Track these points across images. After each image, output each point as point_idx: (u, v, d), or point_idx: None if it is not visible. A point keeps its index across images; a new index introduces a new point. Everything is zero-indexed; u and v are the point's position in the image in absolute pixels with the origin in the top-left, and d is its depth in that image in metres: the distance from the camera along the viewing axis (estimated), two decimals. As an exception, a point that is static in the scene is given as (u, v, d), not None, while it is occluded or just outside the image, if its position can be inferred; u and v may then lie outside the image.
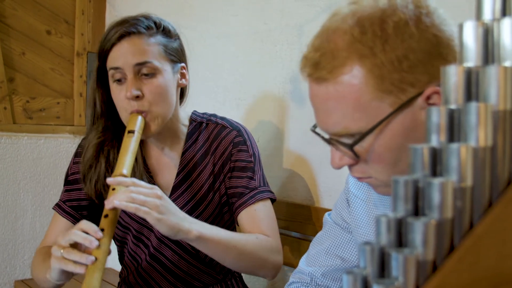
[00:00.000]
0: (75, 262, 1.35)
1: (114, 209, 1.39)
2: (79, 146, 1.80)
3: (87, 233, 1.35)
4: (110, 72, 1.60)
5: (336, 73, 0.98)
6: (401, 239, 0.63)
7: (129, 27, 1.58)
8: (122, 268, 1.86)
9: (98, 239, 1.34)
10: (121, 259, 1.84)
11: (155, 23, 1.64)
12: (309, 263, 1.39)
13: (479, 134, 0.59)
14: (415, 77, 0.95)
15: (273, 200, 1.74)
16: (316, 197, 2.04)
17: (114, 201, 1.35)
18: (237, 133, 1.74)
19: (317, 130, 1.10)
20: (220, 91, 2.45)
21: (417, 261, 0.60)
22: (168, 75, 1.62)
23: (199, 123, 1.78)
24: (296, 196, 2.11)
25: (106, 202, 1.37)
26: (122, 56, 1.57)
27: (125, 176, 1.45)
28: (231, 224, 1.80)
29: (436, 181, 0.59)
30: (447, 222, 0.60)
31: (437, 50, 0.97)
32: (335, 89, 0.99)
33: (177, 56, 1.67)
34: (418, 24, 0.96)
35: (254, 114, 2.30)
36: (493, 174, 0.61)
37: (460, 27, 0.65)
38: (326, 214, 1.44)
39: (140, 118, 1.56)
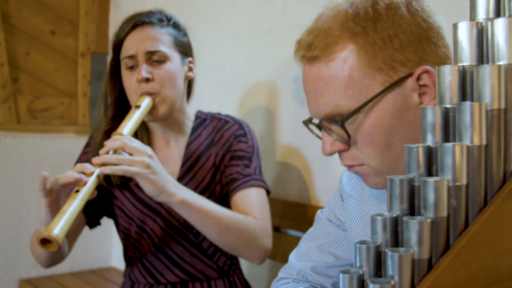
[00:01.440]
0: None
1: (103, 164, 1.45)
2: (90, 137, 1.84)
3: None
4: (124, 61, 1.68)
5: (329, 51, 1.01)
6: (396, 238, 0.63)
7: (142, 17, 1.69)
8: (126, 264, 1.87)
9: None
10: (126, 253, 1.84)
11: (166, 17, 1.73)
12: (299, 258, 1.36)
13: (473, 133, 0.60)
14: (406, 57, 0.98)
15: (268, 191, 1.76)
16: (312, 195, 2.04)
17: (104, 157, 1.44)
18: (238, 127, 1.81)
19: (310, 126, 1.11)
20: (223, 90, 2.45)
21: (413, 260, 0.60)
22: (176, 64, 1.70)
23: (203, 119, 1.84)
24: (292, 194, 2.12)
25: (94, 158, 1.45)
26: (135, 43, 1.66)
27: (123, 135, 1.52)
28: None
29: (431, 180, 0.60)
30: (443, 220, 0.61)
31: (427, 34, 0.99)
32: (327, 67, 1.01)
33: (185, 49, 1.76)
34: (409, 8, 0.99)
35: (257, 114, 2.30)
36: (487, 172, 0.61)
37: (455, 27, 0.65)
38: (319, 211, 1.43)
39: (148, 98, 1.64)
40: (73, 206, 1.35)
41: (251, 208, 1.68)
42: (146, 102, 1.62)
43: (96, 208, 1.79)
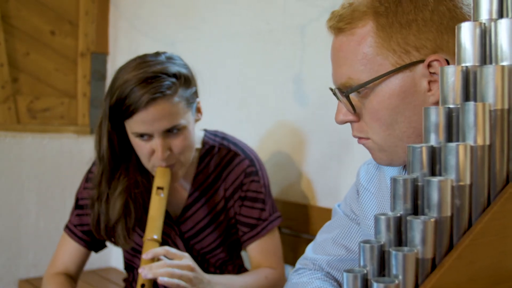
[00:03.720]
0: None
1: (150, 279, 1.45)
2: (90, 171, 1.79)
3: None
4: (134, 134, 1.58)
5: (352, 25, 1.06)
6: (400, 238, 0.63)
7: (155, 92, 1.52)
8: (129, 274, 1.87)
9: None
10: (128, 268, 1.85)
11: (175, 76, 1.57)
12: (315, 251, 1.41)
13: (477, 133, 0.60)
14: (421, 43, 1.01)
15: (280, 221, 1.81)
16: (314, 196, 2.04)
17: (154, 271, 1.41)
18: (249, 163, 1.76)
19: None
20: (223, 91, 2.45)
21: (417, 259, 0.60)
22: (191, 125, 1.63)
23: (211, 146, 1.78)
24: (294, 195, 2.12)
25: (142, 272, 1.42)
26: (149, 122, 1.54)
27: (156, 240, 1.52)
28: (237, 245, 1.83)
29: (435, 180, 0.60)
30: (446, 220, 0.61)
31: (449, 24, 1.02)
32: (348, 40, 1.07)
33: (194, 98, 1.65)
34: None
35: (257, 115, 2.30)
36: (491, 172, 0.61)
37: (458, 28, 0.65)
38: (336, 205, 1.46)
39: (168, 172, 1.60)
40: None
41: (269, 257, 1.76)
42: (167, 180, 1.60)
43: (101, 240, 1.79)
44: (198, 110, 1.69)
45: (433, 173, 0.63)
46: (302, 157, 2.11)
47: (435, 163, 0.63)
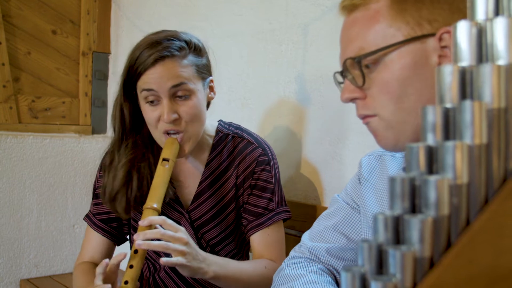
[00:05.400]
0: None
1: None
2: (103, 159, 1.81)
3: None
4: (143, 93, 1.61)
5: (367, 1, 1.09)
6: (398, 237, 0.63)
7: (163, 51, 1.58)
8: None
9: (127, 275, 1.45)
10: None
11: (186, 42, 1.63)
12: (313, 238, 1.40)
13: (474, 132, 0.60)
14: (434, 16, 1.03)
15: (288, 218, 1.80)
16: (321, 196, 2.04)
17: (148, 243, 1.43)
18: (262, 152, 1.78)
19: (336, 76, 1.17)
20: (225, 91, 2.45)
21: (415, 258, 0.61)
22: (201, 94, 1.64)
23: (225, 134, 1.81)
24: (301, 195, 2.12)
25: (136, 240, 1.44)
26: (157, 79, 1.57)
27: (156, 209, 1.52)
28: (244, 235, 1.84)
29: (432, 178, 0.60)
30: (444, 219, 0.61)
31: (459, 6, 1.04)
32: (362, 16, 1.09)
33: (206, 71, 1.69)
34: None
35: (259, 114, 2.31)
36: (488, 171, 0.61)
37: (454, 27, 0.65)
38: (335, 195, 1.46)
39: (176, 145, 1.62)
40: None
41: (272, 250, 1.76)
42: (174, 153, 1.61)
43: (122, 228, 1.83)
44: (211, 89, 1.72)
45: (430, 172, 0.63)
46: (307, 156, 2.11)
47: (433, 162, 0.63)
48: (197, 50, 1.65)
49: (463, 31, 0.64)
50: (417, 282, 0.61)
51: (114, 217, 1.79)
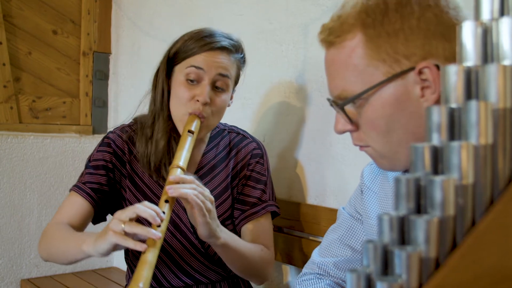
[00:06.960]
0: (134, 239, 1.36)
1: (173, 197, 1.46)
2: (107, 137, 1.82)
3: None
4: (188, 69, 1.69)
5: (342, 38, 1.08)
6: (404, 237, 0.63)
7: (221, 42, 1.71)
8: (127, 268, 1.87)
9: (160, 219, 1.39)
10: (127, 256, 1.84)
11: (240, 45, 1.78)
12: (321, 254, 1.42)
13: (479, 132, 0.60)
14: (410, 51, 1.02)
15: (277, 214, 1.87)
16: (322, 197, 2.04)
17: (181, 190, 1.42)
18: (256, 146, 1.88)
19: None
20: (225, 90, 2.45)
21: (420, 259, 0.61)
22: (228, 96, 1.77)
23: (221, 129, 1.91)
24: (302, 196, 2.12)
25: (169, 190, 1.42)
26: (209, 62, 1.68)
27: (182, 168, 1.54)
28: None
29: (438, 179, 0.60)
30: (449, 219, 0.61)
31: (437, 29, 1.02)
32: (339, 53, 1.08)
33: (237, 82, 1.82)
34: (421, 2, 1.03)
35: (260, 114, 2.30)
36: (494, 171, 0.61)
37: (459, 27, 0.65)
38: (341, 207, 1.47)
39: (198, 122, 1.67)
40: (154, 253, 1.35)
41: (264, 237, 1.81)
42: (197, 128, 1.66)
43: (105, 205, 1.79)
44: (231, 98, 1.81)
45: (435, 172, 0.63)
46: (308, 157, 2.11)
47: (438, 162, 0.63)
48: (243, 59, 1.81)
49: (468, 31, 0.64)
50: (422, 282, 0.61)
51: (104, 190, 1.75)
